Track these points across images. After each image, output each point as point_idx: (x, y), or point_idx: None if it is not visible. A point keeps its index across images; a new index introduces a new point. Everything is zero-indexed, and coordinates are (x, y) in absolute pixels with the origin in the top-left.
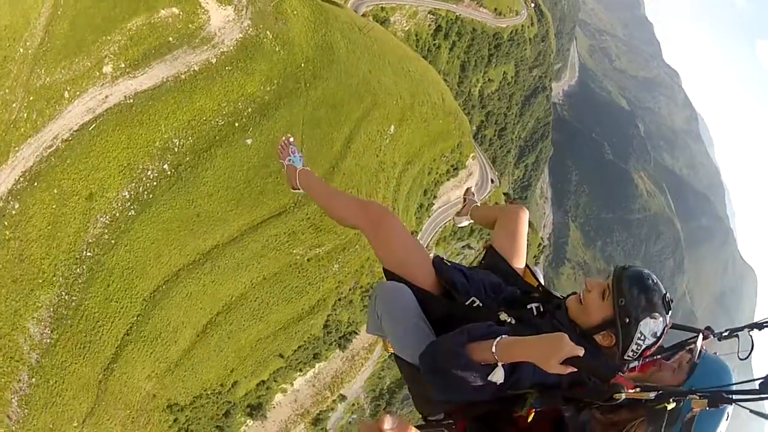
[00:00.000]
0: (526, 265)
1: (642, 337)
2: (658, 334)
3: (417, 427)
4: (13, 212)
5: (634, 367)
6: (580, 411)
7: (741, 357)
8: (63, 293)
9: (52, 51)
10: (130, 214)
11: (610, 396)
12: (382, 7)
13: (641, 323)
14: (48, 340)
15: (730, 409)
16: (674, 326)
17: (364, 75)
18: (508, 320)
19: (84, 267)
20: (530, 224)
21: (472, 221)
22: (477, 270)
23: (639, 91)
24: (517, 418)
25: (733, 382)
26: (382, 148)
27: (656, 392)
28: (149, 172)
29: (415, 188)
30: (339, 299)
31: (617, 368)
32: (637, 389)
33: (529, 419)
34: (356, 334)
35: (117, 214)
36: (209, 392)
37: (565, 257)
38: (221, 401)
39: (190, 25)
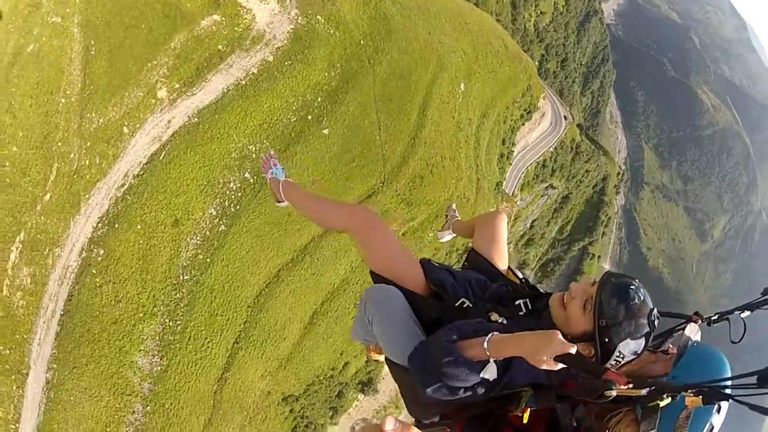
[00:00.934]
0: (508, 267)
1: (620, 356)
2: (639, 352)
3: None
4: (99, 258)
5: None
6: (574, 408)
7: (733, 341)
8: (166, 321)
9: (98, 92)
10: (220, 229)
11: (601, 393)
12: None
13: (621, 344)
14: (158, 368)
15: (724, 404)
16: (662, 314)
17: (424, 38)
18: (499, 320)
19: (183, 291)
20: (605, 152)
21: (454, 235)
22: (462, 270)
23: (686, 2)
24: (513, 418)
25: (726, 373)
26: (456, 108)
27: (648, 388)
28: (231, 185)
29: (493, 140)
30: None
31: (606, 366)
32: (630, 385)
33: (525, 419)
34: None
35: (207, 233)
36: (321, 378)
37: (643, 181)
38: (333, 384)
39: (236, 29)
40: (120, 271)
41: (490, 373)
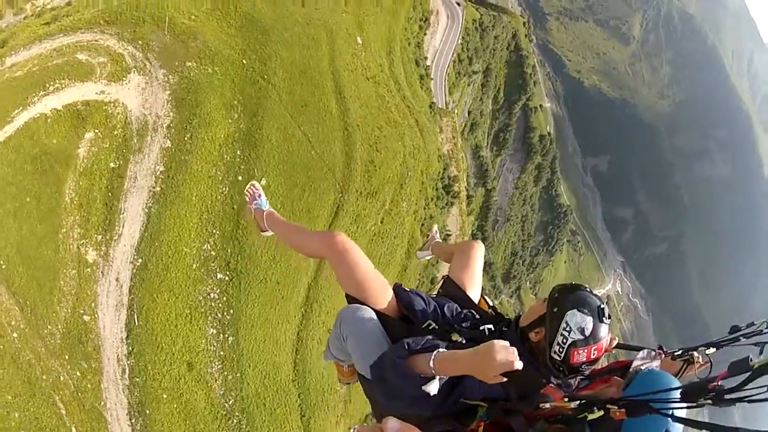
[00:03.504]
0: (482, 296)
1: (567, 328)
2: (586, 332)
3: None
4: None
5: (585, 386)
6: (532, 424)
7: (698, 377)
8: None
9: (36, 302)
10: (230, 342)
11: (536, 406)
12: None
13: (567, 313)
14: None
15: (676, 427)
16: (618, 346)
17: (301, 15)
18: (459, 339)
19: (236, 414)
20: (503, 10)
21: (433, 256)
22: (436, 297)
23: None
24: None
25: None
26: (365, 65)
27: (578, 401)
28: (212, 294)
29: (408, 69)
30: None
31: (546, 379)
32: (565, 399)
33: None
34: None
35: (221, 353)
36: None
37: (544, 14)
38: None
39: (115, 133)
40: None
41: (432, 389)
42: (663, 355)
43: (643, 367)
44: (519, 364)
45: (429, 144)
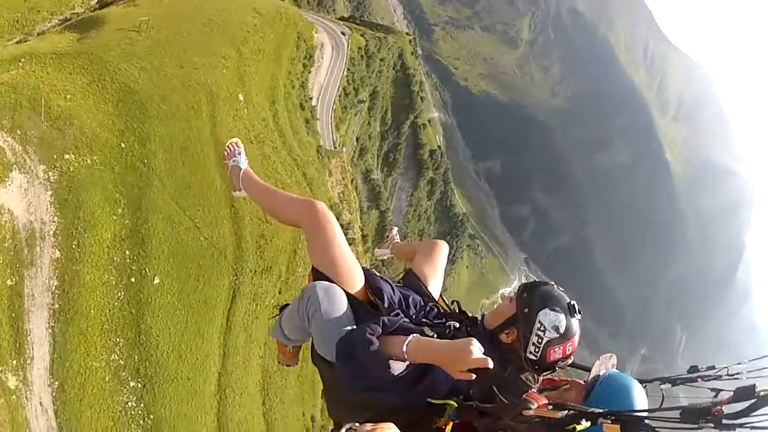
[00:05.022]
0: (441, 296)
1: (542, 328)
2: (561, 329)
3: None
4: None
5: (546, 378)
6: (496, 426)
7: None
8: None
9: None
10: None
11: (519, 412)
12: None
13: (540, 312)
14: None
15: None
16: (572, 365)
17: (179, 80)
18: (430, 334)
19: None
20: (388, 29)
21: (392, 255)
22: (400, 287)
23: None
24: (437, 431)
25: (641, 403)
26: (248, 126)
27: (567, 411)
28: (129, 404)
29: (293, 116)
30: None
31: (528, 385)
32: (549, 407)
33: (447, 431)
34: None
35: None
36: None
37: (429, 24)
38: None
39: (5, 245)
40: None
41: (398, 368)
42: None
43: (601, 372)
44: (491, 363)
45: (319, 197)
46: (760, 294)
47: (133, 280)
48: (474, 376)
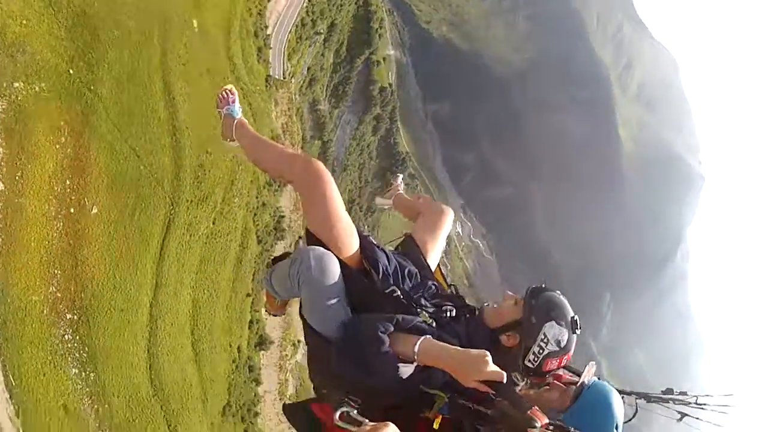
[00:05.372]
0: (438, 266)
1: (545, 340)
2: (562, 344)
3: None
4: None
5: (532, 379)
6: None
7: (624, 420)
8: None
9: None
10: (92, 377)
11: (524, 429)
12: None
13: (546, 325)
14: None
15: None
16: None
17: (134, 3)
18: (429, 321)
19: None
20: None
21: (392, 207)
22: (396, 254)
23: None
24: (421, 422)
25: (616, 411)
26: (198, 55)
27: None
28: (66, 337)
29: (245, 43)
30: None
31: (531, 403)
32: (551, 428)
33: (436, 425)
34: None
35: (88, 389)
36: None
37: None
38: (242, 365)
39: None
40: None
41: (406, 372)
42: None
43: (587, 380)
44: (504, 377)
45: (262, 128)
46: (695, 282)
47: (72, 210)
48: (487, 388)
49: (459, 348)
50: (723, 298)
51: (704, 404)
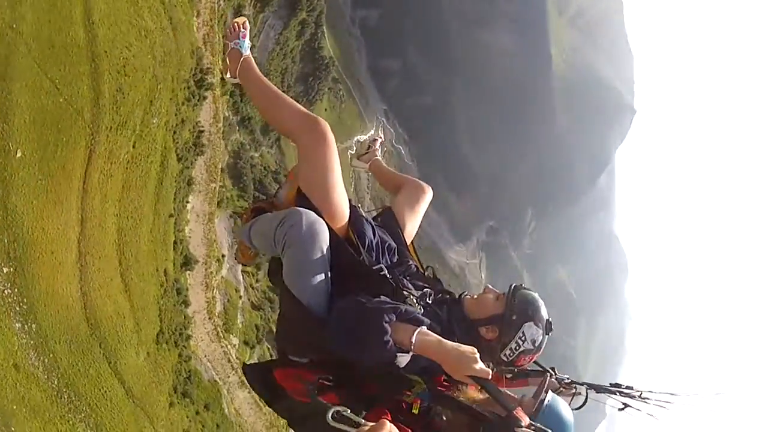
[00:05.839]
0: (411, 243)
1: (522, 338)
2: (536, 344)
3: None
4: None
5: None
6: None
7: (573, 408)
8: None
9: None
10: (34, 328)
11: (511, 429)
12: None
13: (525, 324)
14: None
15: None
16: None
17: None
18: (416, 306)
19: (64, 395)
20: None
21: (368, 170)
22: (377, 227)
23: None
24: (397, 404)
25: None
26: None
27: None
28: (5, 291)
29: None
30: None
31: (515, 403)
32: (532, 428)
33: (415, 409)
34: None
35: (32, 342)
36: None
37: None
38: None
39: None
40: None
41: (403, 361)
42: (553, 377)
43: (548, 398)
44: (490, 375)
45: (182, 43)
46: (620, 207)
47: None
48: (475, 384)
49: (453, 343)
50: (649, 222)
51: (647, 399)
